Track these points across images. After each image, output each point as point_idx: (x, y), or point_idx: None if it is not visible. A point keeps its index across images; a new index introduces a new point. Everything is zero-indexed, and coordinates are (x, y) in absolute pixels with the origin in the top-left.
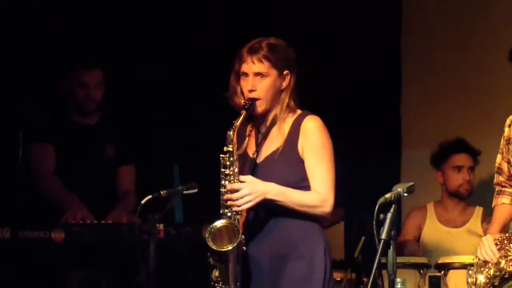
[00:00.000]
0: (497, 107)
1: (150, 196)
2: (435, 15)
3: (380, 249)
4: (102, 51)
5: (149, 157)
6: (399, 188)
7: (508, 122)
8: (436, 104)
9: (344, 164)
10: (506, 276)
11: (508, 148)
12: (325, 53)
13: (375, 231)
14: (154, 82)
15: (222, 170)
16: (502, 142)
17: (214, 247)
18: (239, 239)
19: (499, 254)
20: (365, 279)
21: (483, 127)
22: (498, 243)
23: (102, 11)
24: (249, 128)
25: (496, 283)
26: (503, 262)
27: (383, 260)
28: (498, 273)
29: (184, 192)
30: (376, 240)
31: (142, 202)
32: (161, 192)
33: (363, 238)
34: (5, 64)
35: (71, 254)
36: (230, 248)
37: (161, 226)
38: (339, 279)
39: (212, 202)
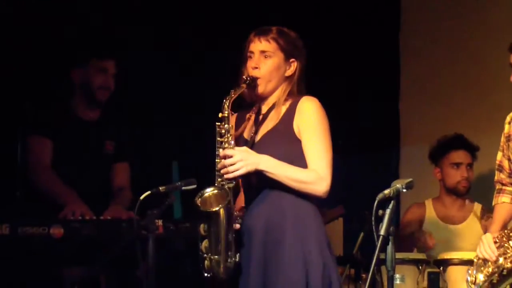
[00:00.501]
0: (496, 103)
1: (149, 192)
2: (434, 12)
3: (379, 245)
4: (103, 48)
5: (148, 153)
6: (398, 184)
7: (508, 119)
8: (435, 101)
9: (344, 160)
10: (504, 273)
11: (509, 145)
12: (324, 51)
13: (374, 227)
14: (154, 78)
15: (218, 138)
16: (503, 139)
17: (201, 208)
18: (227, 201)
19: (498, 252)
20: (364, 275)
21: (482, 124)
22: (497, 241)
23: (103, 8)
24: (250, 113)
25: (495, 281)
26: (501, 259)
27: (382, 256)
28: (496, 269)
29: (183, 188)
30: (375, 236)
31: (141, 198)
32: (160, 188)
33: (362, 234)
34: (5, 59)
35: (70, 250)
36: (217, 208)
37: (160, 222)
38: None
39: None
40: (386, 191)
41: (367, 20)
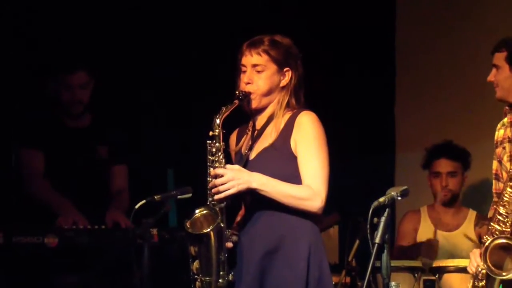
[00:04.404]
0: (490, 110)
1: (144, 201)
2: (430, 18)
3: (374, 253)
4: (95, 53)
5: (143, 161)
6: (393, 192)
7: (498, 126)
8: (430, 108)
9: (339, 168)
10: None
11: (496, 151)
12: (318, 57)
13: (369, 234)
14: (149, 84)
15: (209, 157)
16: (495, 147)
17: (190, 231)
18: (216, 223)
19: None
20: (359, 283)
21: (476, 130)
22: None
23: (91, 12)
24: (248, 127)
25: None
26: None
27: (377, 264)
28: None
29: (178, 196)
30: (370, 244)
31: (136, 206)
32: (155, 197)
33: (357, 241)
34: None
35: (65, 259)
36: (207, 230)
37: (155, 231)
38: (333, 282)
39: (206, 203)
40: (381, 199)
41: (363, 26)
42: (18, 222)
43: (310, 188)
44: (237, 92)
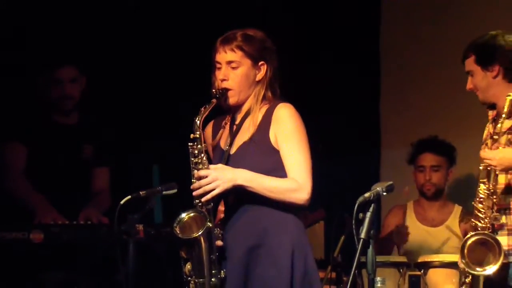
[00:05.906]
0: (475, 106)
1: (129, 197)
2: (415, 15)
3: (359, 248)
4: (84, 51)
5: (129, 157)
6: (378, 187)
7: (487, 125)
8: (415, 103)
9: (324, 164)
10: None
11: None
12: (304, 53)
13: (354, 230)
14: (133, 82)
15: (191, 159)
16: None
17: (180, 235)
18: (206, 226)
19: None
20: (345, 278)
21: (462, 126)
22: None
23: (81, 10)
24: (225, 120)
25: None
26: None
27: (363, 259)
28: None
29: (164, 192)
30: (356, 239)
31: (121, 202)
32: (141, 192)
33: (342, 237)
34: None
35: (50, 255)
36: (197, 234)
37: (140, 227)
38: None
39: (191, 202)
40: (367, 194)
41: (347, 23)
42: (3, 218)
43: (296, 181)
44: (213, 90)
